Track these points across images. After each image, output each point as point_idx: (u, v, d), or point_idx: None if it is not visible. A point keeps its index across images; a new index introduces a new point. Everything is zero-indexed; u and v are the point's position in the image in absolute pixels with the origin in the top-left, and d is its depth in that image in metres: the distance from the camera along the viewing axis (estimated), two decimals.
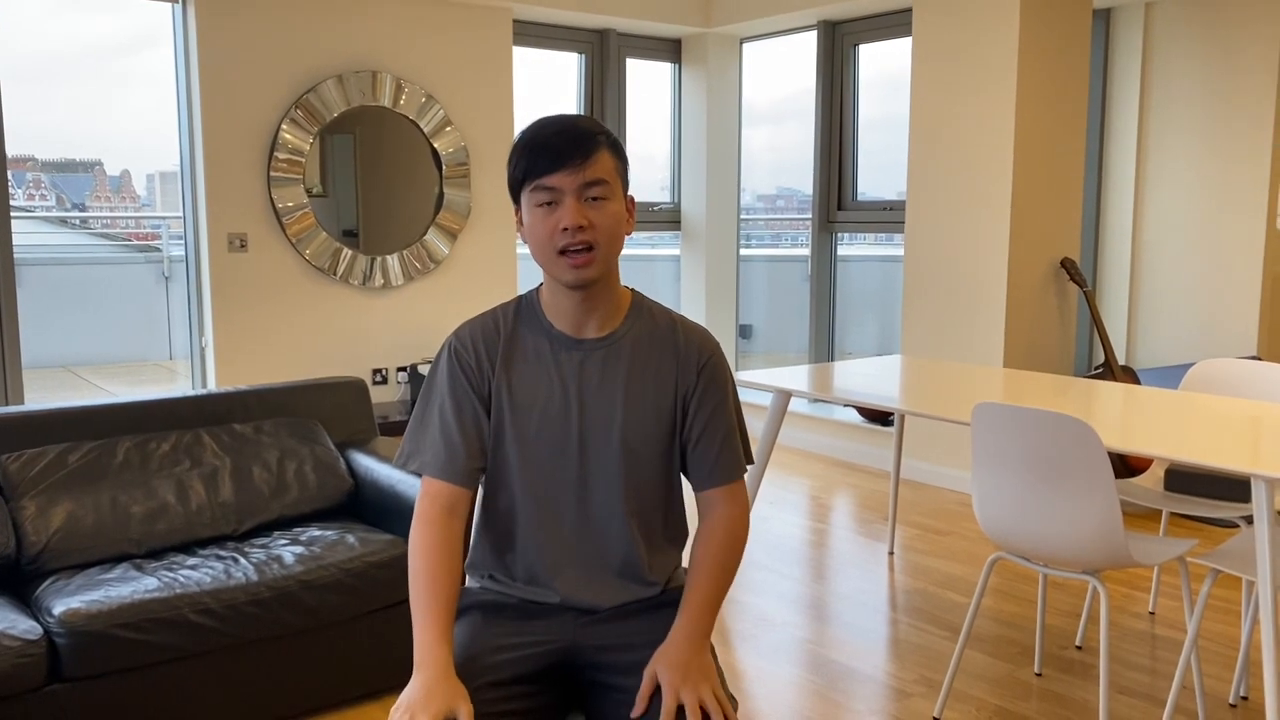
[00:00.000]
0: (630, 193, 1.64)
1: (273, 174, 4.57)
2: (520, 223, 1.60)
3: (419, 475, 2.85)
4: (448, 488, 1.61)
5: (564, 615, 1.65)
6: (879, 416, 5.50)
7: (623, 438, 1.62)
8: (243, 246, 4.57)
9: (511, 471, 1.63)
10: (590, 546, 1.64)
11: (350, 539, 2.82)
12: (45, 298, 5.81)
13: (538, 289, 1.68)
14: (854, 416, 5.65)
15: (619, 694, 1.58)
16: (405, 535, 2.89)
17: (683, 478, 1.70)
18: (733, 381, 1.71)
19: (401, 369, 5.08)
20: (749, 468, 3.49)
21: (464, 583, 1.78)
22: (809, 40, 5.92)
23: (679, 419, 1.66)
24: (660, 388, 1.64)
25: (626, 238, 1.62)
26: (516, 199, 1.60)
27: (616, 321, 1.66)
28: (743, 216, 6.51)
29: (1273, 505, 2.26)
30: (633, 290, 1.71)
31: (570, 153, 1.53)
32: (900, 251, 5.27)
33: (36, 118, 4.65)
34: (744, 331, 6.72)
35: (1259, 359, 4.22)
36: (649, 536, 1.67)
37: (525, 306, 1.68)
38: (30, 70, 4.59)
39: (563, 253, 1.55)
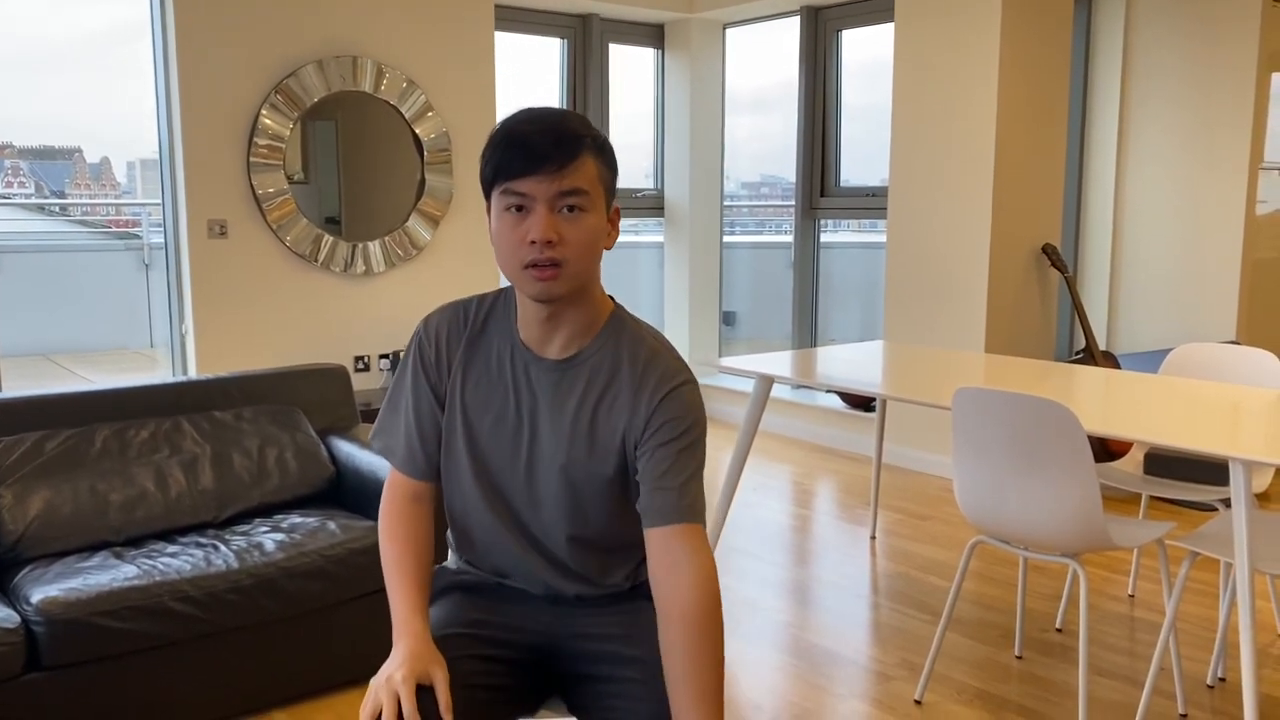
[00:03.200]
0: (616, 204, 1.49)
1: (253, 160, 4.53)
2: (490, 223, 1.45)
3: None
4: (411, 481, 1.61)
5: (540, 603, 1.64)
6: (861, 402, 5.52)
7: (565, 471, 1.52)
8: (223, 233, 4.54)
9: (463, 472, 1.59)
10: (545, 556, 1.61)
11: (331, 526, 2.81)
12: (23, 285, 5.76)
13: None
14: (836, 402, 5.66)
15: (599, 683, 1.58)
16: None
17: None
18: (697, 420, 1.50)
19: (383, 356, 5.06)
20: (725, 478, 3.46)
21: (444, 560, 1.79)
22: (792, 26, 5.91)
23: (627, 456, 1.51)
24: (610, 423, 1.51)
25: (606, 251, 1.47)
26: (487, 195, 1.44)
27: (585, 341, 1.52)
28: (726, 203, 6.51)
29: (1250, 488, 2.28)
30: (615, 305, 1.57)
31: (547, 155, 1.37)
32: (883, 238, 5.27)
33: (15, 104, 4.60)
34: (727, 318, 6.72)
35: (1238, 343, 4.24)
36: (600, 554, 1.61)
37: (501, 305, 1.58)
38: (8, 57, 4.54)
39: (528, 266, 1.41)
